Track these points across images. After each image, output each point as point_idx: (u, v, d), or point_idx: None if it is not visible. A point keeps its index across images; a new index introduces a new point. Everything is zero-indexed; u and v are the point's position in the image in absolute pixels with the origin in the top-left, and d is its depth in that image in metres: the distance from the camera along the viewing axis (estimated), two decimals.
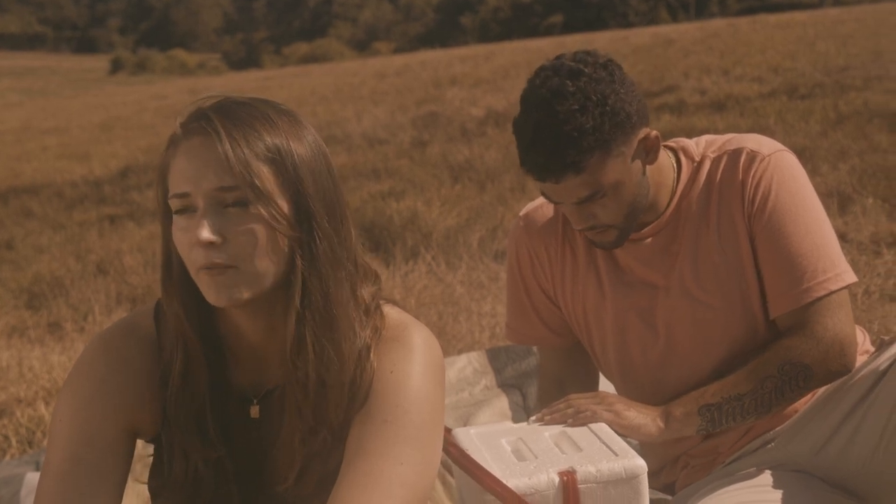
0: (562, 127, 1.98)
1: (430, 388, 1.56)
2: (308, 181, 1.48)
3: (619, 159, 2.04)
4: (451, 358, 4.04)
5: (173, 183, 1.47)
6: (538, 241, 2.33)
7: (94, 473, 1.50)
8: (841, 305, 2.08)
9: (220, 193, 1.44)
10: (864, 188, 6.56)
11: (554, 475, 1.79)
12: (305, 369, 1.50)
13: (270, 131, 1.47)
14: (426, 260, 6.39)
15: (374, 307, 1.59)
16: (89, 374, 1.57)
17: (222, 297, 1.46)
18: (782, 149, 2.15)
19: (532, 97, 2.04)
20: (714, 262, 2.13)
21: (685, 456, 2.26)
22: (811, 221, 2.09)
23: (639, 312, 2.21)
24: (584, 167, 2.00)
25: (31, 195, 12.93)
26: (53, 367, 4.90)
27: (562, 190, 2.05)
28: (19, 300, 7.32)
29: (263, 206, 1.44)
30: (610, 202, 2.07)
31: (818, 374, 2.07)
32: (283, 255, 1.48)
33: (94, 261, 8.18)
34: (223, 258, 1.44)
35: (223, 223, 1.44)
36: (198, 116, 1.48)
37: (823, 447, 2.10)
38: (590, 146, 1.99)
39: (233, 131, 1.44)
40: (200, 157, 1.44)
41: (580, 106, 1.99)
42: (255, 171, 1.44)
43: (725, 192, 2.14)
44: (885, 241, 5.37)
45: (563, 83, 2.01)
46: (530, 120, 2.02)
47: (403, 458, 1.49)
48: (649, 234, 2.19)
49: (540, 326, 2.39)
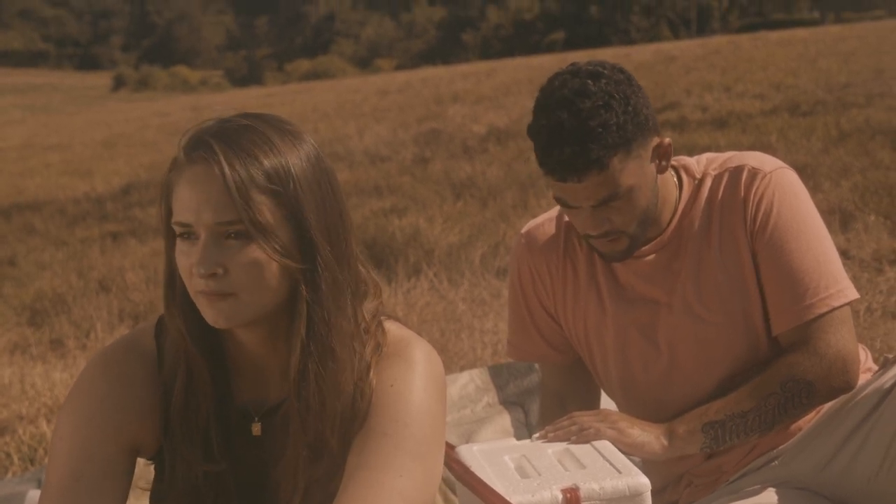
0: (587, 123, 1.98)
1: (431, 403, 1.56)
2: (310, 209, 1.48)
3: (636, 162, 2.04)
4: (454, 375, 4.03)
5: (176, 210, 1.48)
6: (539, 258, 2.33)
7: (94, 491, 1.50)
8: (843, 322, 2.08)
9: (222, 227, 1.44)
10: (866, 205, 6.55)
11: (557, 492, 1.79)
12: (307, 396, 1.51)
13: (272, 156, 1.47)
14: (428, 277, 6.39)
15: (374, 324, 1.59)
16: (90, 392, 1.57)
17: (220, 321, 1.48)
18: (783, 166, 2.16)
19: (552, 98, 2.04)
20: (716, 280, 2.13)
21: (688, 475, 2.26)
22: (813, 238, 2.10)
23: (640, 329, 2.21)
24: (608, 164, 2.00)
25: (34, 211, 12.93)
26: (55, 384, 4.89)
27: (582, 190, 2.04)
28: (21, 317, 7.31)
29: (264, 240, 1.44)
30: (625, 206, 2.07)
31: (821, 390, 2.07)
32: (284, 284, 1.49)
33: (96, 277, 8.17)
34: (223, 287, 1.45)
35: (223, 254, 1.45)
36: (199, 143, 1.48)
37: (827, 465, 2.09)
38: (614, 143, 1.99)
39: (234, 161, 1.44)
40: (202, 188, 1.44)
41: (604, 103, 1.99)
42: (255, 205, 1.44)
43: (727, 210, 2.14)
44: (886, 259, 5.37)
45: (584, 83, 2.02)
46: (552, 119, 2.02)
47: (404, 472, 1.49)
48: (651, 251, 2.19)
49: (541, 343, 2.39)
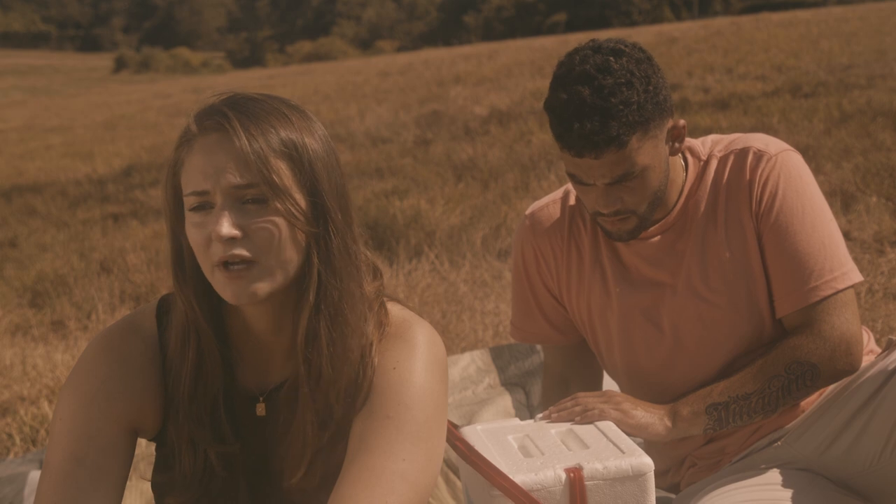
0: (609, 99, 1.97)
1: (432, 385, 1.56)
2: (323, 177, 1.49)
3: (653, 142, 2.04)
4: (455, 356, 4.04)
5: (190, 180, 1.47)
6: (544, 240, 2.33)
7: (94, 473, 1.51)
8: (847, 304, 2.08)
9: (240, 190, 1.44)
10: (868, 187, 6.54)
11: (561, 472, 1.79)
12: (319, 362, 1.51)
13: (285, 126, 1.48)
14: (429, 258, 6.39)
15: (377, 303, 1.59)
16: (90, 373, 1.57)
17: (241, 295, 1.47)
18: (788, 148, 2.16)
19: (573, 73, 2.02)
20: (721, 261, 2.13)
21: (691, 456, 2.26)
22: (817, 220, 2.10)
23: (644, 311, 2.21)
24: (627, 142, 1.99)
25: (35, 193, 12.93)
26: (57, 365, 4.90)
27: (598, 167, 2.03)
28: (23, 298, 7.31)
29: (282, 202, 1.45)
30: (638, 186, 2.06)
31: (825, 372, 2.07)
32: (300, 250, 1.49)
33: (97, 259, 8.17)
34: (242, 252, 1.44)
35: (243, 218, 1.45)
36: (213, 112, 1.48)
37: (830, 446, 2.09)
38: (634, 121, 1.98)
39: (250, 127, 1.45)
40: (218, 153, 1.45)
41: (626, 81, 1.99)
42: (273, 167, 1.44)
43: (733, 192, 2.14)
44: (888, 240, 5.36)
45: (606, 59, 2.01)
46: (573, 94, 2.00)
47: (406, 455, 1.49)
48: (656, 233, 2.19)
49: (544, 325, 2.39)
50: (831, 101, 10.76)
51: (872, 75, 12.41)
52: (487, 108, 14.79)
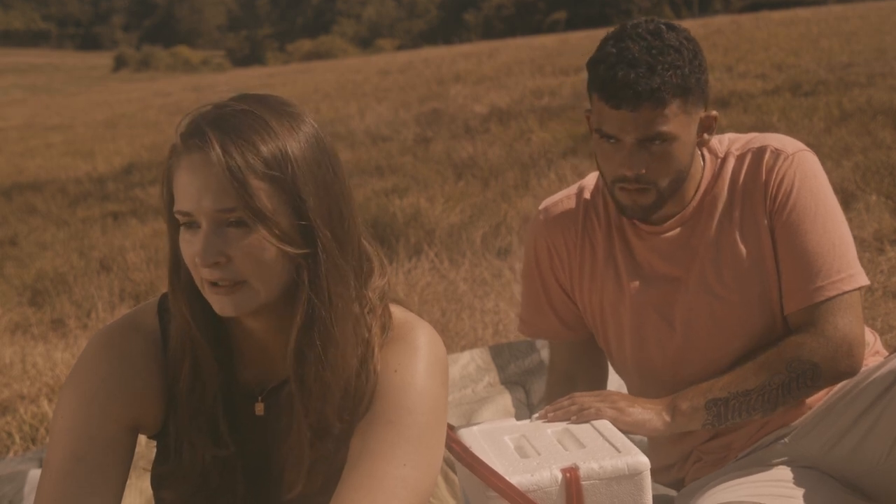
0: (657, 57, 2.00)
1: (434, 389, 1.56)
2: (308, 193, 1.46)
3: (687, 118, 2.05)
4: (455, 355, 4.04)
5: (178, 197, 1.46)
6: (557, 234, 2.33)
7: (95, 471, 1.50)
8: (852, 306, 2.09)
9: (221, 214, 1.43)
10: (868, 185, 6.54)
11: (557, 472, 1.79)
12: (309, 379, 1.51)
13: (269, 141, 1.45)
14: (429, 257, 6.39)
15: (381, 306, 1.58)
16: (91, 371, 1.56)
17: (227, 310, 1.48)
18: (805, 149, 2.18)
19: (624, 33, 2.06)
20: (736, 258, 2.14)
21: (697, 451, 2.26)
22: (829, 222, 2.11)
23: (656, 308, 2.21)
24: (665, 101, 2.00)
25: (35, 192, 12.93)
26: (57, 363, 4.90)
27: (632, 120, 2.03)
28: (23, 297, 7.32)
29: (263, 227, 1.43)
30: (665, 155, 2.06)
31: (825, 372, 2.07)
32: (288, 269, 1.48)
33: (97, 257, 8.18)
34: (229, 275, 1.44)
35: (226, 242, 1.44)
36: (195, 131, 1.46)
37: (836, 445, 2.10)
38: (676, 85, 2.01)
39: (230, 148, 1.42)
40: (199, 176, 1.43)
41: (676, 47, 2.03)
42: (253, 191, 1.42)
43: (749, 189, 2.15)
44: (888, 239, 5.36)
45: (658, 27, 2.05)
46: (623, 49, 2.03)
47: (407, 460, 1.49)
48: (672, 227, 2.19)
49: (554, 320, 2.39)
50: (831, 100, 10.75)
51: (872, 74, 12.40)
52: (487, 106, 14.78)
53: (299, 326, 1.48)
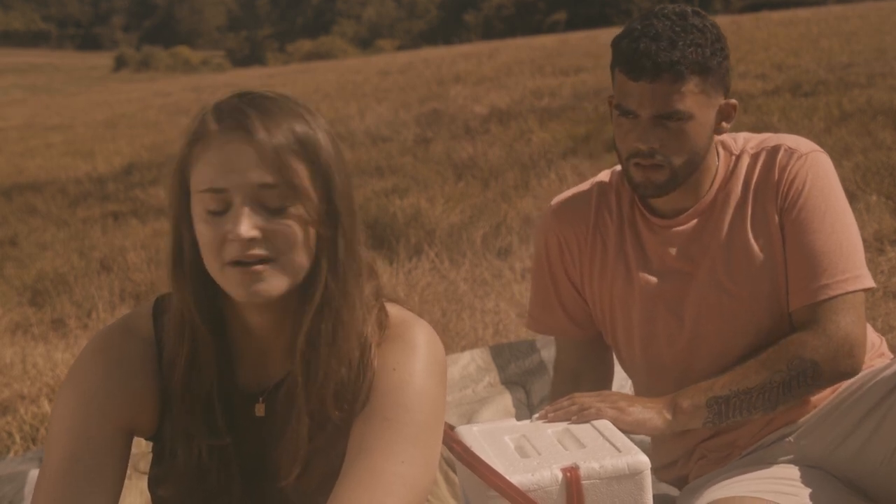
0: (680, 34, 2.03)
1: (432, 387, 1.57)
2: (336, 178, 1.50)
3: (705, 98, 2.08)
4: (455, 355, 4.04)
5: (205, 177, 1.46)
6: (568, 229, 2.33)
7: (92, 473, 1.51)
8: (855, 307, 2.10)
9: (261, 190, 1.44)
10: (868, 185, 6.54)
11: (557, 471, 1.79)
12: (317, 363, 1.51)
13: (302, 124, 1.49)
14: (429, 257, 6.39)
15: (376, 305, 1.60)
16: (87, 374, 1.57)
17: (254, 293, 1.47)
18: (819, 149, 2.20)
19: (651, 13, 2.09)
20: (747, 255, 2.15)
21: (701, 448, 2.26)
22: (838, 222, 2.12)
23: (666, 302, 2.22)
24: (684, 76, 2.03)
25: (35, 192, 12.93)
26: (57, 364, 4.91)
27: (649, 93, 2.05)
28: (23, 297, 7.32)
29: (301, 204, 1.45)
30: (680, 132, 2.08)
31: (825, 372, 2.07)
32: (311, 254, 1.49)
33: (97, 258, 8.18)
34: (261, 252, 1.45)
35: (261, 219, 1.45)
36: (232, 109, 1.48)
37: (840, 445, 2.10)
38: (697, 62, 2.03)
39: (270, 126, 1.45)
40: (239, 153, 1.45)
41: (700, 28, 2.06)
42: (293, 169, 1.45)
43: (762, 188, 2.16)
44: (888, 239, 5.36)
45: (684, 9, 2.08)
46: (647, 25, 2.06)
47: (405, 457, 1.50)
48: (685, 221, 2.20)
49: (563, 317, 2.39)
50: (831, 100, 10.76)
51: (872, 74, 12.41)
52: (487, 106, 14.79)
53: (317, 307, 1.49)
